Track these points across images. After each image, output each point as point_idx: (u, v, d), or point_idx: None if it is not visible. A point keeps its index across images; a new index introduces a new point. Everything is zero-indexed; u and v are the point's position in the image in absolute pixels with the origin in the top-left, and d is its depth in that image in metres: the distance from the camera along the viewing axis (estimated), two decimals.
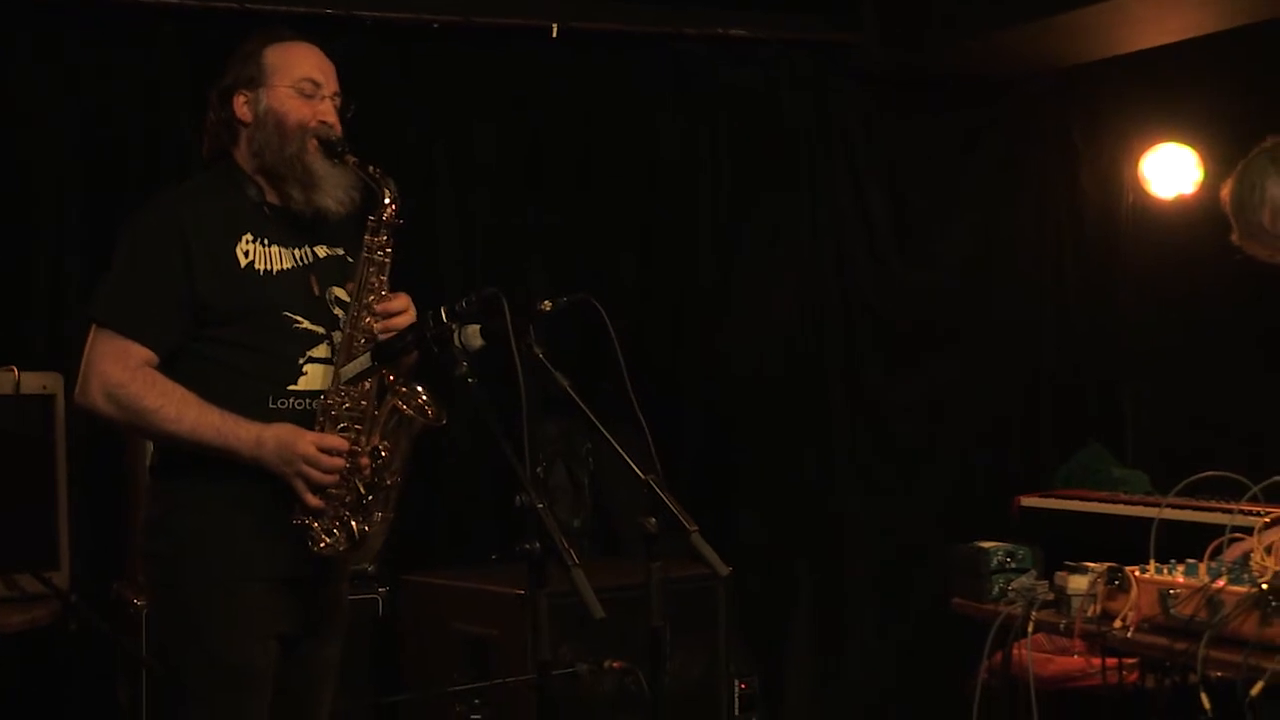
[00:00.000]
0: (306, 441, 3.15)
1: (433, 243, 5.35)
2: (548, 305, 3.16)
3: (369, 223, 3.30)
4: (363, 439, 3.23)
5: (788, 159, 6.07)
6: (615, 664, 3.84)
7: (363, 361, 3.22)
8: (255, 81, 3.30)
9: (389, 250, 3.30)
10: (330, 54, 3.42)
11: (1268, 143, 3.65)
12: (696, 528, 3.05)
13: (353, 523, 3.21)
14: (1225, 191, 3.70)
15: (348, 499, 3.21)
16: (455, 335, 3.03)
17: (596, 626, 2.81)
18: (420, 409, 3.26)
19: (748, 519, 5.95)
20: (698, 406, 5.87)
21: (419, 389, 3.27)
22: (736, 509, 5.92)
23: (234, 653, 3.17)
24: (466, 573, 4.78)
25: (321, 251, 3.36)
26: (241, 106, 3.31)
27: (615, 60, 5.73)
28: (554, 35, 5.51)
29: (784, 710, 5.87)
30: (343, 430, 3.22)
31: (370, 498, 3.23)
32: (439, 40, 5.40)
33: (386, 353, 3.22)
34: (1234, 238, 3.70)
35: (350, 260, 3.37)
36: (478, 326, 3.04)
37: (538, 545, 2.87)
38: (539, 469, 5.20)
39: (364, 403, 3.24)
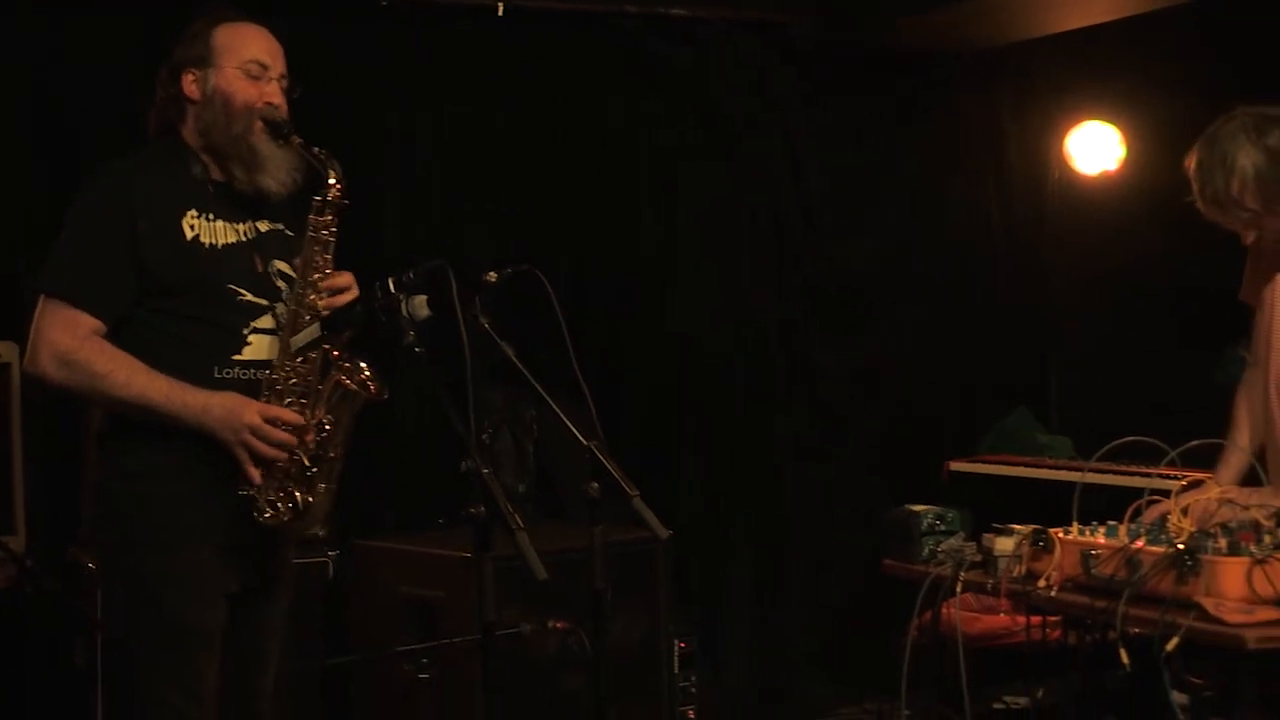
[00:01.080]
0: (252, 411, 3.14)
1: (379, 215, 5.32)
2: (493, 276, 3.16)
3: (314, 202, 3.28)
4: (307, 412, 3.21)
5: (727, 134, 6.07)
6: (559, 624, 3.85)
7: (312, 331, 3.21)
8: (204, 61, 3.28)
9: (334, 229, 3.29)
10: (275, 32, 3.39)
11: (1237, 113, 3.60)
12: (637, 492, 3.06)
13: (296, 494, 3.19)
14: (1190, 160, 3.63)
15: (292, 470, 3.19)
16: (402, 305, 3.02)
17: (540, 588, 2.82)
18: (363, 384, 3.24)
19: (688, 483, 5.97)
20: (639, 374, 5.88)
21: (362, 364, 3.25)
22: (677, 474, 5.94)
23: (184, 614, 3.16)
24: (414, 537, 4.77)
25: (264, 226, 3.34)
26: (190, 85, 3.28)
27: (559, 38, 5.71)
28: (500, 14, 5.49)
29: (722, 668, 5.90)
30: (289, 404, 3.20)
31: (314, 470, 3.21)
32: (385, 18, 5.36)
33: (336, 323, 3.21)
34: (1198, 204, 3.63)
35: (291, 234, 3.36)
36: (424, 297, 3.03)
37: (483, 510, 2.87)
38: (484, 436, 5.19)
39: (309, 377, 3.23)
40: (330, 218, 3.28)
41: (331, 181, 3.27)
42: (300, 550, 4.49)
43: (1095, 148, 6.31)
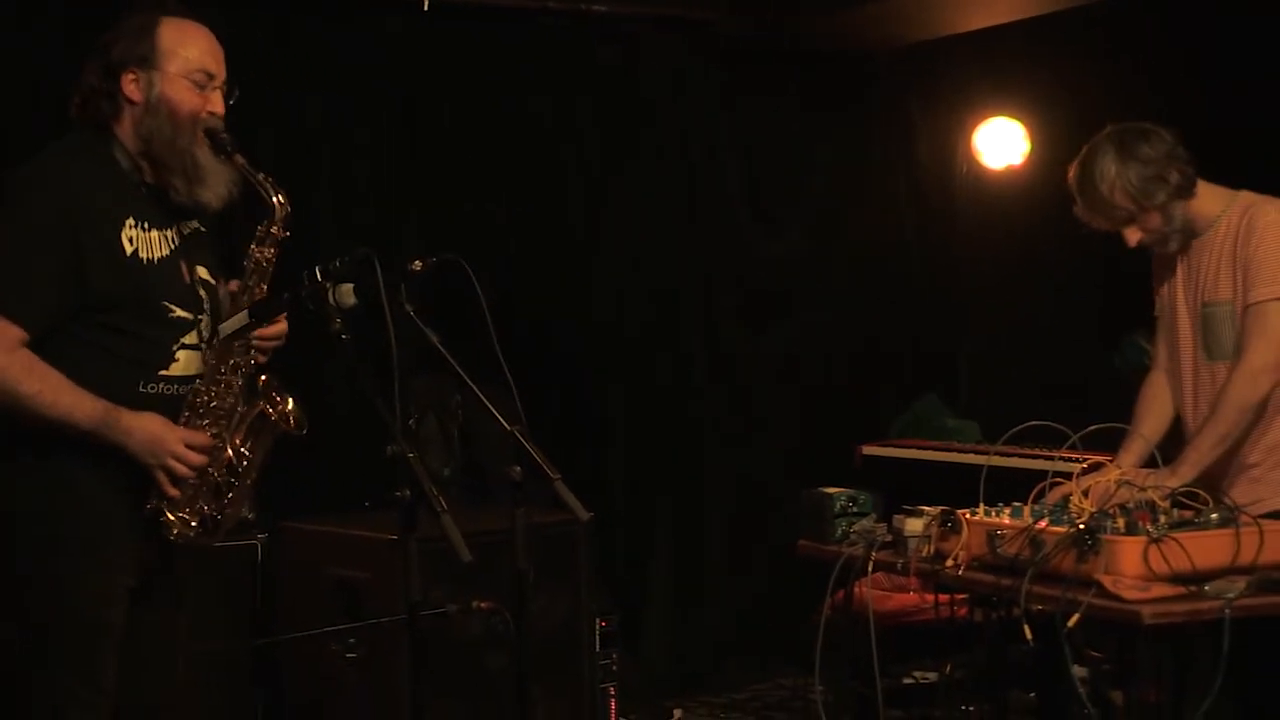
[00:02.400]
0: (175, 438, 3.06)
1: (310, 205, 5.26)
2: (418, 265, 3.13)
3: (258, 232, 3.19)
4: (225, 435, 3.15)
5: (649, 129, 6.07)
6: (483, 605, 3.83)
7: (241, 319, 3.17)
8: (146, 62, 3.11)
9: (273, 261, 3.20)
10: (210, 26, 3.26)
11: (1108, 129, 3.77)
12: (559, 476, 3.05)
13: (207, 510, 3.14)
14: (1071, 172, 3.81)
15: (204, 489, 3.13)
16: (329, 294, 2.99)
17: (465, 569, 2.81)
18: (284, 417, 3.18)
19: (610, 467, 5.97)
20: (564, 361, 5.87)
21: (289, 398, 3.19)
22: (599, 458, 5.93)
23: (92, 609, 3.07)
24: (341, 520, 4.74)
25: (186, 229, 3.22)
26: (130, 85, 3.12)
27: (484, 33, 5.68)
28: (425, 8, 5.45)
29: (642, 646, 5.91)
30: (207, 426, 3.14)
31: (230, 494, 3.16)
32: (315, 12, 5.31)
33: (265, 311, 3.17)
34: (1076, 210, 3.80)
35: (204, 231, 3.26)
36: (351, 285, 3.00)
37: (409, 493, 2.86)
38: (410, 421, 5.16)
39: (230, 399, 3.16)
40: (272, 252, 3.20)
41: (276, 215, 3.17)
42: (229, 534, 4.46)
43: (1001, 143, 6.37)
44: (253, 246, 3.20)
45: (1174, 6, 5.45)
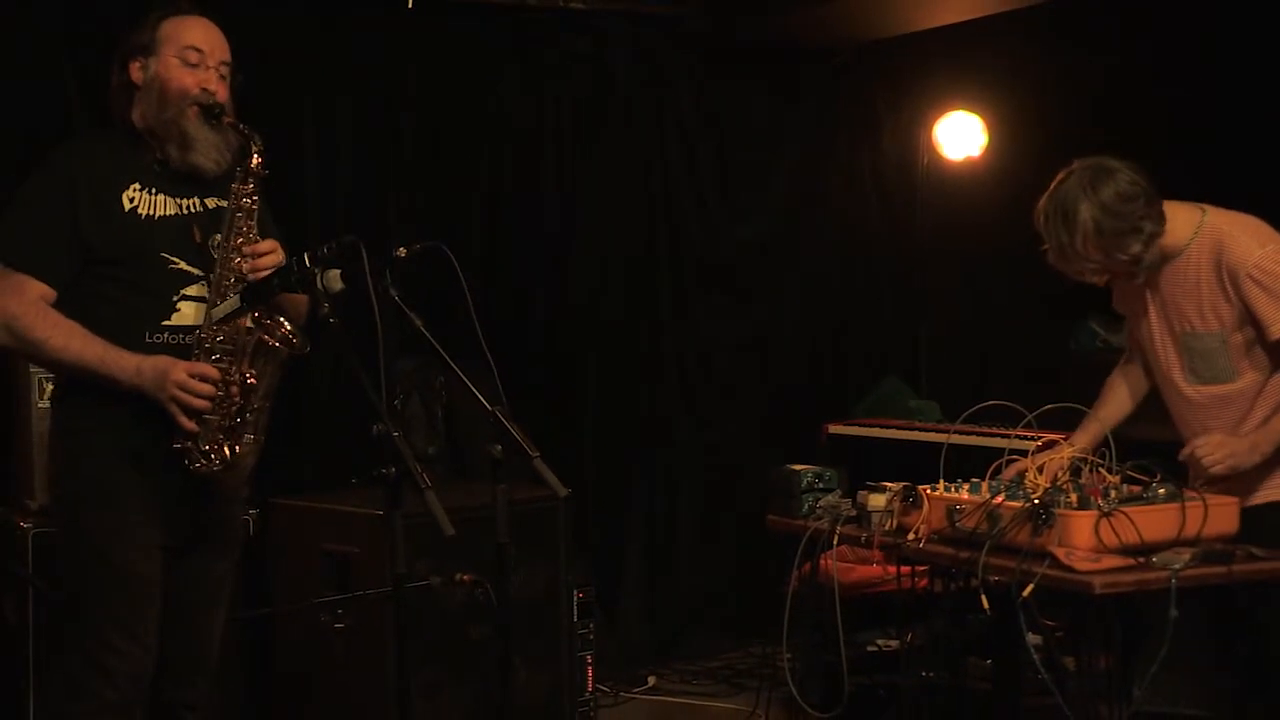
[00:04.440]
0: (180, 369, 3.14)
1: (300, 196, 5.25)
2: (403, 252, 3.13)
3: (237, 171, 3.29)
4: (233, 368, 3.20)
5: (622, 118, 6.06)
6: (465, 577, 3.81)
7: (232, 303, 3.19)
8: (147, 49, 3.29)
9: (255, 197, 3.30)
10: (217, 20, 3.38)
11: (1075, 166, 3.55)
12: (538, 453, 3.05)
13: (225, 445, 3.19)
14: (1038, 214, 3.59)
15: (221, 423, 3.19)
16: (318, 279, 2.99)
17: (448, 543, 2.81)
18: (284, 339, 3.23)
19: (587, 444, 5.97)
20: (542, 343, 5.87)
21: (281, 320, 3.24)
22: (576, 435, 5.93)
23: (127, 562, 3.16)
24: (330, 496, 4.73)
25: (211, 203, 3.33)
26: (135, 71, 3.29)
27: (465, 29, 5.67)
28: (410, 6, 5.43)
29: (618, 616, 5.92)
30: (215, 360, 3.20)
31: (240, 421, 3.21)
32: (304, 9, 5.29)
33: (255, 295, 3.17)
34: (1048, 256, 3.60)
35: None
36: (338, 271, 3.00)
37: (394, 470, 2.86)
38: (395, 401, 5.16)
39: (235, 336, 3.22)
40: (252, 186, 3.29)
41: (253, 151, 3.28)
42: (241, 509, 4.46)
43: (960, 135, 6.38)
44: (234, 184, 3.30)
45: (1125, 5, 5.47)
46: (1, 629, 4.26)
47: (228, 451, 3.19)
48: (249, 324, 3.22)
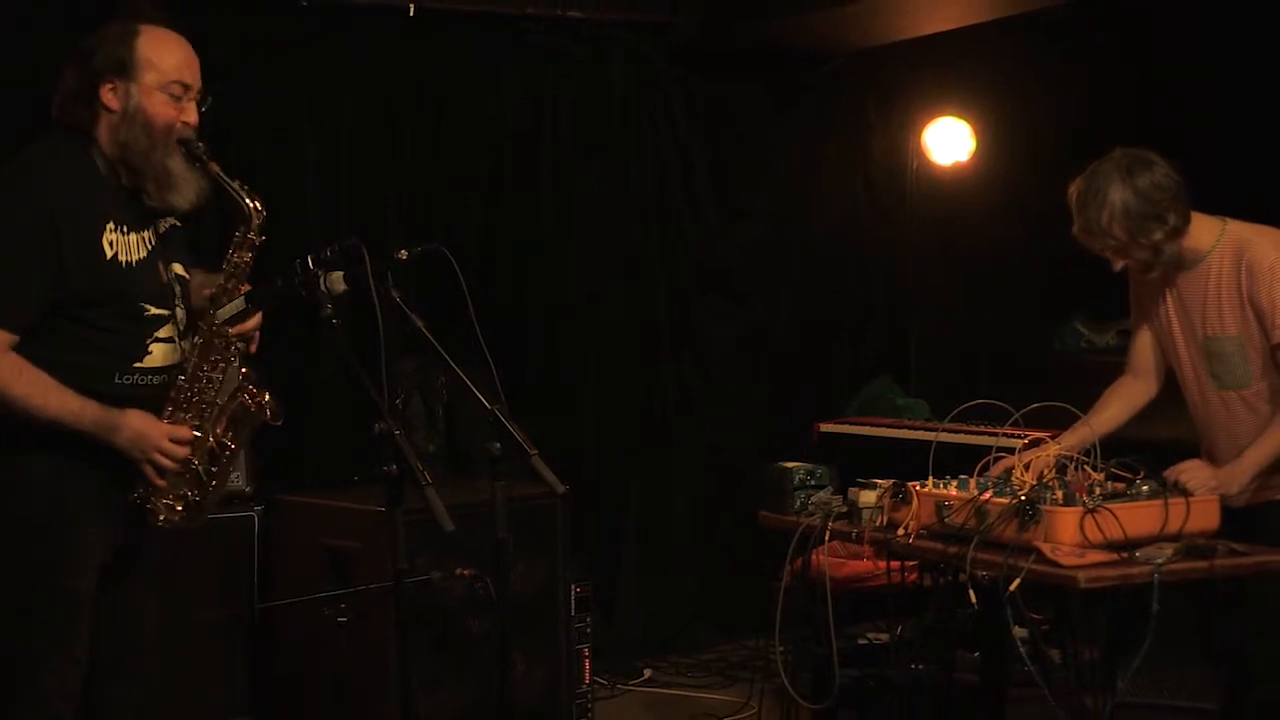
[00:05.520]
0: (160, 433, 3.03)
1: (300, 199, 5.24)
2: (404, 254, 3.12)
3: (235, 237, 3.14)
4: (207, 426, 3.11)
5: (619, 124, 6.06)
6: (465, 572, 3.82)
7: (238, 304, 3.15)
8: (125, 72, 3.03)
9: (250, 264, 3.14)
10: (206, 32, 3.24)
11: (1116, 153, 3.59)
12: (536, 451, 3.05)
13: (190, 494, 3.11)
14: (1072, 190, 3.62)
15: (187, 477, 3.10)
16: (321, 281, 2.99)
17: (448, 539, 2.81)
18: (262, 409, 3.14)
19: (585, 443, 5.96)
20: (540, 343, 5.86)
21: (265, 391, 3.14)
22: (574, 434, 5.93)
23: (70, 583, 3.03)
24: (332, 492, 4.72)
25: (161, 226, 3.17)
26: (108, 94, 3.03)
27: (466, 36, 5.66)
28: (411, 14, 5.43)
29: (615, 610, 5.91)
30: (190, 419, 3.10)
31: (213, 484, 3.13)
32: (308, 16, 5.29)
33: (259, 298, 3.16)
34: (1074, 230, 3.62)
35: (181, 226, 3.21)
36: (340, 273, 3.00)
37: (395, 467, 2.86)
38: (397, 400, 5.15)
39: (211, 393, 3.12)
40: (249, 256, 3.14)
41: (253, 220, 3.11)
42: (228, 506, 4.44)
43: (949, 141, 6.39)
44: (230, 252, 3.14)
45: (1110, 14, 5.48)
46: None
47: (190, 502, 3.10)
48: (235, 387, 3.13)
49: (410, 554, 2.97)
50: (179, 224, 3.21)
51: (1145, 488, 3.35)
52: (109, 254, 3.02)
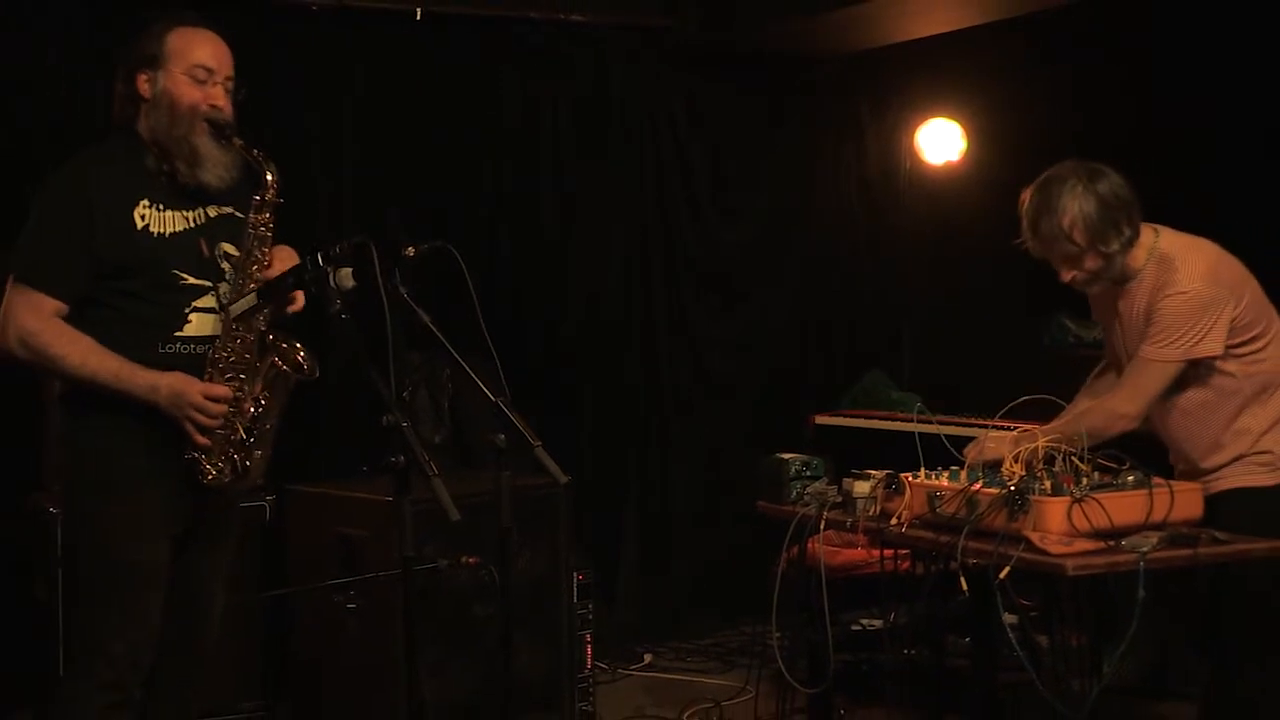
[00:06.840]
0: (196, 391, 3.12)
1: (310, 198, 5.25)
2: (411, 251, 3.12)
3: (254, 201, 3.23)
4: (246, 387, 3.18)
5: (618, 126, 6.06)
6: (470, 560, 3.83)
7: (249, 300, 3.18)
8: (155, 63, 3.20)
9: (271, 225, 3.25)
10: (222, 32, 3.31)
11: (1070, 163, 3.53)
12: (540, 443, 3.05)
13: (236, 458, 3.18)
14: (1023, 200, 3.56)
15: (233, 438, 3.17)
16: (330, 277, 2.99)
17: (454, 528, 2.81)
18: (296, 364, 3.21)
19: (586, 438, 5.97)
20: (543, 338, 5.86)
21: (297, 345, 3.22)
22: (576, 429, 5.93)
23: (130, 552, 3.13)
24: (342, 483, 4.73)
25: (213, 212, 3.28)
26: (142, 84, 3.21)
27: (470, 39, 5.66)
28: (418, 18, 5.43)
29: (616, 597, 5.92)
30: (229, 379, 3.17)
31: (252, 439, 3.19)
32: (316, 20, 5.28)
33: (271, 292, 3.17)
34: (1026, 243, 3.57)
35: (240, 216, 3.29)
36: (349, 269, 3.00)
37: (402, 459, 2.86)
38: (404, 393, 5.15)
39: (248, 355, 3.19)
40: (268, 215, 3.24)
41: (269, 182, 3.22)
42: (251, 489, 4.44)
43: (940, 141, 6.38)
44: (251, 215, 3.24)
45: (1098, 18, 5.47)
46: (34, 608, 4.27)
47: (238, 464, 3.18)
48: (259, 333, 3.19)
49: (418, 542, 2.97)
50: (239, 215, 3.29)
51: (1130, 478, 3.34)
52: (139, 225, 3.15)
